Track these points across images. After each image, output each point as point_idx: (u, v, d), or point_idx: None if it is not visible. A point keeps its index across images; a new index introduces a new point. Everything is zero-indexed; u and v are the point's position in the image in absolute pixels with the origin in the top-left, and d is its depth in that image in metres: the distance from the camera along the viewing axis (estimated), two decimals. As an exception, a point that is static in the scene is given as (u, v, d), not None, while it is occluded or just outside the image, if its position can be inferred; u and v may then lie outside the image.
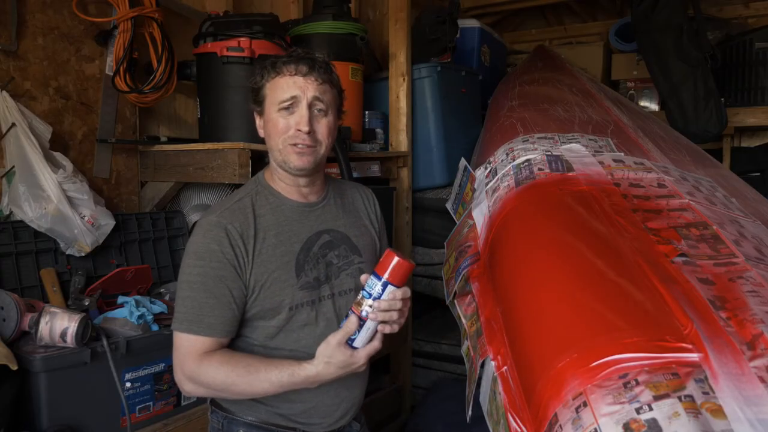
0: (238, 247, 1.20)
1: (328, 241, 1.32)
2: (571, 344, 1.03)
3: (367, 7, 3.28)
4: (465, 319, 1.54)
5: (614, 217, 1.33)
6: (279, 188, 1.31)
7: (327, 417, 1.30)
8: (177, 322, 1.19)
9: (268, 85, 1.25)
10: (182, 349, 1.18)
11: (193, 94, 2.32)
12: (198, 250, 1.20)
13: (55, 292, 1.72)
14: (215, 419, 1.32)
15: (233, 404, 1.29)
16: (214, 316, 1.18)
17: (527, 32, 4.58)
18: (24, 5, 1.78)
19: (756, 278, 1.09)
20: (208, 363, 1.17)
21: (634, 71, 3.79)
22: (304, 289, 1.26)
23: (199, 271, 1.18)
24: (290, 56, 1.25)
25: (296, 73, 1.23)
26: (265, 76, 1.26)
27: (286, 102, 1.22)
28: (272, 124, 1.25)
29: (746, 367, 0.89)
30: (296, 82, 1.22)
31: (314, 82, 1.23)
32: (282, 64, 1.24)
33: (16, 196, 1.69)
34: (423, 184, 2.89)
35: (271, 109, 1.25)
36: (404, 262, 1.13)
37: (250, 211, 1.25)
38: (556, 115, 2.19)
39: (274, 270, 1.23)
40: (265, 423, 1.28)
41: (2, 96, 1.70)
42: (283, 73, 1.23)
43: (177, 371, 1.21)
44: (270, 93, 1.25)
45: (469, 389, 1.38)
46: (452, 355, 2.95)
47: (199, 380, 1.18)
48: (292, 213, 1.29)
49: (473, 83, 3.14)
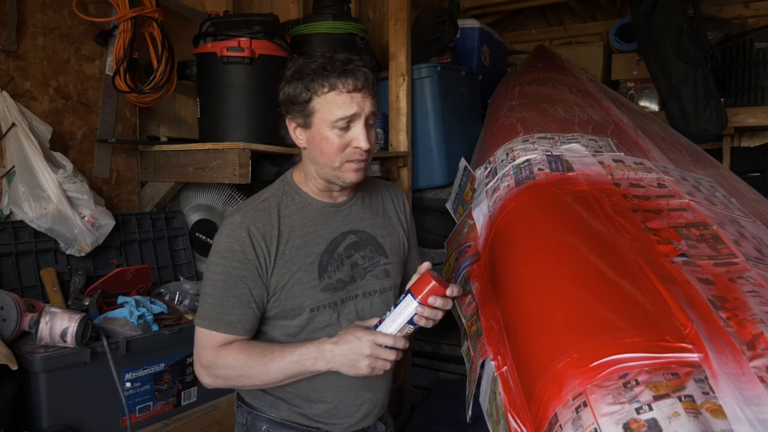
0: (260, 248, 1.19)
1: (354, 242, 1.31)
2: (571, 344, 1.03)
3: (367, 7, 3.28)
4: (465, 319, 1.54)
5: (614, 217, 1.33)
6: (308, 190, 1.29)
7: (348, 417, 1.30)
8: (199, 318, 1.21)
9: (318, 100, 1.17)
10: (201, 342, 1.21)
11: (193, 94, 2.32)
12: (221, 249, 1.20)
13: (55, 292, 1.72)
14: (240, 414, 1.34)
15: (256, 400, 1.31)
16: (234, 315, 1.19)
17: (527, 32, 4.58)
18: (24, 5, 1.78)
19: (756, 278, 1.09)
20: (226, 351, 1.18)
21: (634, 71, 3.79)
22: (327, 291, 1.25)
23: (222, 270, 1.19)
24: (343, 69, 1.16)
25: (353, 90, 1.16)
26: (313, 89, 1.17)
27: (345, 119, 1.16)
28: (327, 142, 1.18)
29: (746, 367, 0.89)
30: (354, 99, 1.16)
31: (368, 97, 1.18)
32: (336, 79, 1.15)
33: (16, 196, 1.69)
34: (423, 184, 2.89)
35: (323, 126, 1.18)
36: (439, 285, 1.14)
37: (274, 212, 1.24)
38: (556, 115, 2.19)
39: (296, 271, 1.22)
40: (287, 421, 1.28)
41: (2, 96, 1.70)
42: (338, 89, 1.15)
43: (196, 364, 1.23)
44: (322, 108, 1.17)
45: (469, 389, 1.38)
46: (452, 355, 2.95)
47: (216, 369, 1.19)
48: (317, 213, 1.28)
49: (473, 83, 3.14)
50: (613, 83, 3.87)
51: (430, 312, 1.15)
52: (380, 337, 1.15)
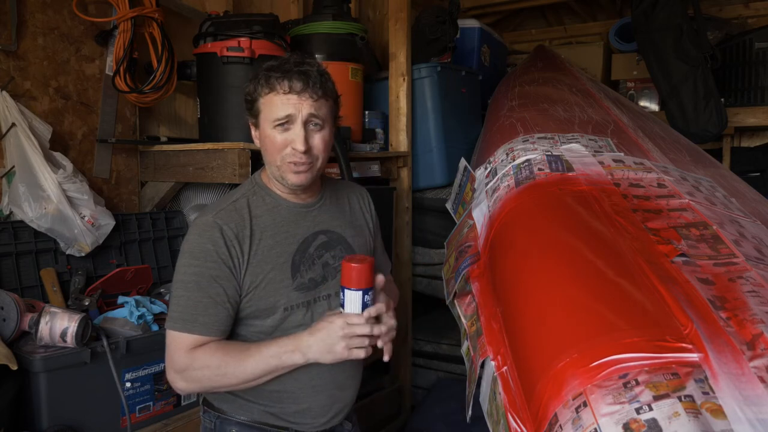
0: (234, 248, 1.20)
1: (325, 242, 1.32)
2: (571, 344, 1.03)
3: (367, 7, 3.28)
4: (465, 319, 1.54)
5: (614, 217, 1.33)
6: (276, 189, 1.31)
7: (319, 417, 1.30)
8: (171, 321, 1.19)
9: (261, 100, 1.22)
10: (173, 345, 1.18)
11: (193, 94, 2.32)
12: (193, 249, 1.20)
13: (55, 292, 1.72)
14: (207, 419, 1.32)
15: (225, 404, 1.29)
16: (208, 315, 1.18)
17: (527, 32, 4.58)
18: (24, 5, 1.78)
19: (756, 278, 1.09)
20: (201, 351, 1.16)
21: (634, 71, 3.79)
22: (300, 290, 1.26)
23: (194, 270, 1.18)
24: (284, 71, 1.20)
25: (290, 91, 1.18)
26: (258, 90, 1.22)
27: (280, 120, 1.20)
28: (269, 141, 1.22)
29: (746, 367, 0.89)
30: (290, 100, 1.19)
31: (309, 99, 1.20)
32: (275, 81, 1.19)
33: (16, 196, 1.69)
34: (423, 184, 2.89)
35: (266, 125, 1.22)
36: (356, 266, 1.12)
37: (246, 212, 1.24)
38: (556, 115, 2.19)
39: (269, 271, 1.23)
40: (257, 423, 1.28)
41: (2, 96, 1.70)
42: (276, 90, 1.19)
43: (168, 369, 1.20)
44: (264, 108, 1.22)
45: (469, 389, 1.38)
46: (452, 355, 2.95)
47: (192, 371, 1.16)
48: (288, 214, 1.29)
49: (473, 83, 3.14)
50: (613, 83, 3.87)
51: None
52: (352, 317, 1.15)
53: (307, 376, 1.24)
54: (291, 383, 1.24)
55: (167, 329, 1.20)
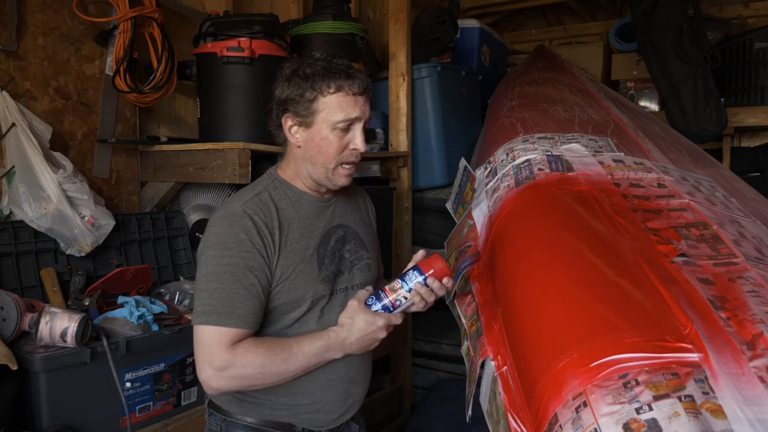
0: (266, 237, 1.19)
1: (342, 236, 1.34)
2: (571, 344, 1.03)
3: (367, 7, 3.28)
4: (465, 319, 1.54)
5: (614, 217, 1.33)
6: (296, 184, 1.30)
7: (332, 413, 1.30)
8: (204, 315, 1.13)
9: (324, 100, 1.19)
10: (210, 342, 1.12)
11: (193, 94, 2.32)
12: (225, 240, 1.16)
13: (55, 292, 1.72)
14: (213, 422, 1.31)
15: (233, 405, 1.28)
16: (245, 307, 1.14)
17: (527, 32, 4.58)
18: (24, 5, 1.78)
19: (756, 278, 1.09)
20: (243, 349, 1.13)
21: (634, 71, 3.79)
22: (324, 282, 1.27)
23: (228, 261, 1.15)
24: (347, 73, 1.19)
25: (358, 93, 1.19)
26: (319, 89, 1.19)
27: (349, 121, 1.19)
28: (327, 143, 1.21)
29: (746, 367, 0.89)
30: (357, 102, 1.19)
31: (367, 102, 1.22)
32: (344, 81, 1.18)
33: (16, 196, 1.69)
34: (423, 184, 2.89)
35: (324, 126, 1.20)
36: (447, 268, 1.25)
37: (271, 204, 1.24)
38: (556, 115, 2.19)
39: (299, 263, 1.23)
40: (266, 424, 1.27)
41: (2, 96, 1.70)
42: (345, 90, 1.18)
43: (204, 367, 1.13)
44: (326, 109, 1.19)
45: (469, 389, 1.38)
46: (452, 355, 2.95)
47: (234, 370, 1.12)
48: (310, 208, 1.30)
49: (473, 83, 3.14)
50: (613, 83, 3.87)
51: (426, 291, 1.23)
52: (394, 319, 1.24)
53: (322, 370, 1.24)
54: (306, 377, 1.23)
55: (199, 325, 1.14)
